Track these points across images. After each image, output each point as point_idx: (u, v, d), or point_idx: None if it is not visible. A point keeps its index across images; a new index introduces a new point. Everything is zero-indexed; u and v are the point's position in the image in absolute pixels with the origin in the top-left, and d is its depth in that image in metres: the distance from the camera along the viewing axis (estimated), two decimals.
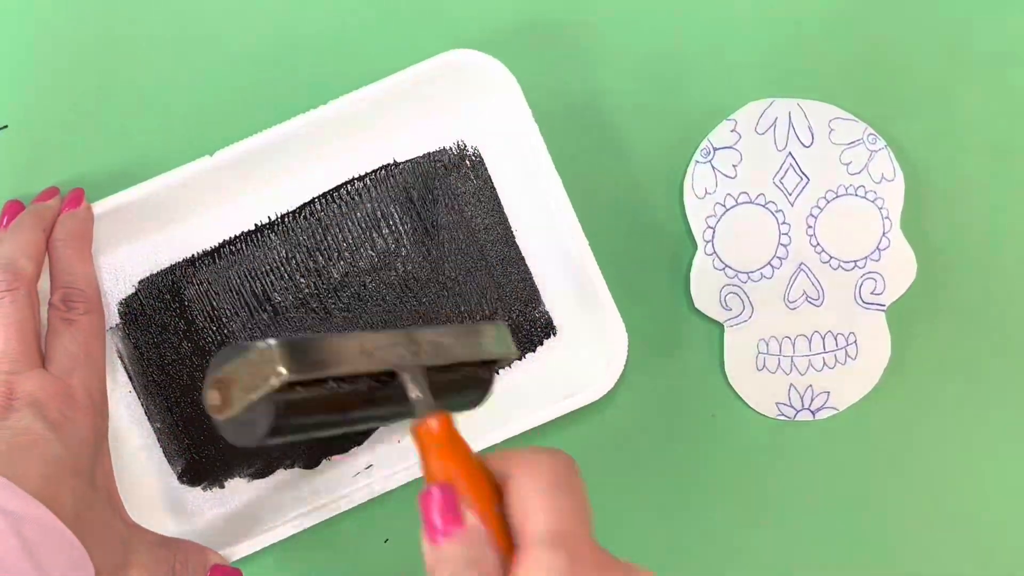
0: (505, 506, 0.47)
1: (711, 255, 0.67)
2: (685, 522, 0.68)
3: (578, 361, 0.66)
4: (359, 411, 0.51)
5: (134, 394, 0.66)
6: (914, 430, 0.68)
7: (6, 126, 0.68)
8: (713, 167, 0.68)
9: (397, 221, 0.67)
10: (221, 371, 0.49)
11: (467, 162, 0.67)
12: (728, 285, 0.67)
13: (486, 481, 0.48)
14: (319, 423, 0.50)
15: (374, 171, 0.67)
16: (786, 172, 0.68)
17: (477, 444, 0.64)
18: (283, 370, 0.48)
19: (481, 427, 0.65)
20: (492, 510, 0.48)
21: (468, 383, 0.55)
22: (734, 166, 0.67)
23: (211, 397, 0.49)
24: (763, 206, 0.67)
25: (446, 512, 0.47)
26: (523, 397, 0.66)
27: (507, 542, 0.47)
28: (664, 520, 0.68)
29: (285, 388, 0.48)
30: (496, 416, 0.65)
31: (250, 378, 0.48)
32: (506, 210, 0.67)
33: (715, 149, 0.68)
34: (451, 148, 0.67)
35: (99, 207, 0.64)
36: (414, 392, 0.51)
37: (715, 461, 0.68)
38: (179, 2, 0.68)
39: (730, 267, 0.67)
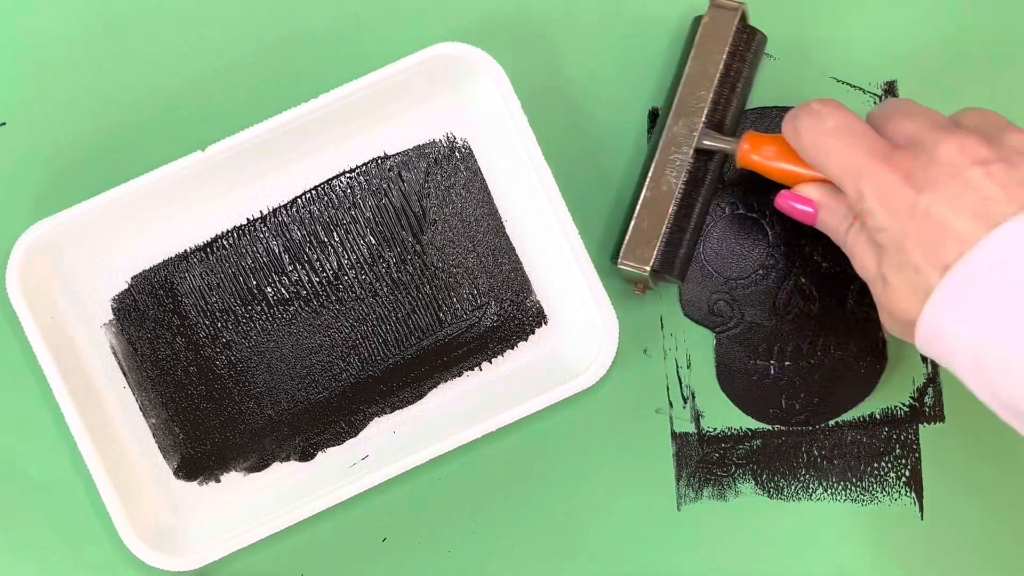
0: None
1: (701, 263, 0.68)
2: (676, 514, 0.68)
3: (570, 349, 0.66)
4: (702, 197, 0.64)
5: (128, 390, 0.67)
6: None
7: (4, 123, 0.68)
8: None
9: (388, 214, 0.67)
10: (628, 280, 0.66)
11: (456, 154, 0.67)
12: (718, 293, 0.68)
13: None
14: (691, 233, 0.64)
15: (364, 164, 0.67)
16: None
17: (469, 434, 0.65)
18: (646, 268, 0.63)
19: (473, 416, 0.65)
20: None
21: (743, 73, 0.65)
22: (724, 175, 0.67)
23: (637, 292, 0.66)
24: (754, 215, 0.68)
25: (797, 203, 0.61)
26: (514, 385, 0.66)
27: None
28: (653, 508, 0.68)
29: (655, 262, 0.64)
30: (487, 405, 0.66)
31: (638, 278, 0.64)
32: (496, 201, 0.67)
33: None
34: (441, 140, 0.67)
35: (92, 203, 0.64)
36: (715, 145, 0.63)
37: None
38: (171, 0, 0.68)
39: (720, 275, 0.68)
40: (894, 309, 0.57)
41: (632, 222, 0.64)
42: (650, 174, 0.64)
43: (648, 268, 0.63)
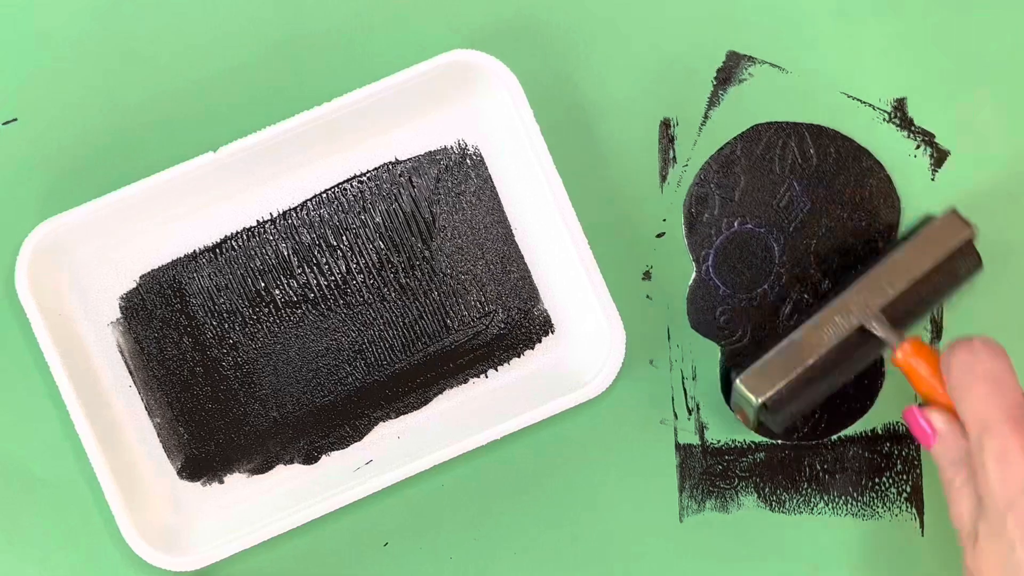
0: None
1: (708, 277, 0.68)
2: (678, 525, 0.68)
3: (576, 359, 0.66)
4: (840, 369, 0.63)
5: (134, 389, 0.67)
6: None
7: (15, 120, 0.68)
8: (713, 190, 0.68)
9: (398, 219, 0.67)
10: (731, 404, 0.65)
11: (468, 161, 0.67)
12: (725, 307, 0.68)
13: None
14: (812, 395, 0.63)
15: (375, 169, 0.67)
16: (786, 195, 0.68)
17: (473, 441, 0.65)
18: (755, 399, 0.62)
19: (478, 424, 0.65)
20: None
21: (942, 283, 0.64)
22: (734, 189, 0.68)
23: (740, 418, 0.65)
24: (762, 229, 0.68)
25: (921, 421, 0.60)
26: (520, 393, 0.66)
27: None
28: (655, 519, 0.68)
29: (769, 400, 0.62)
30: (492, 412, 0.66)
31: (747, 405, 0.63)
32: (506, 209, 0.67)
33: (715, 171, 0.68)
34: (452, 147, 0.67)
35: (103, 201, 0.64)
36: (879, 332, 0.62)
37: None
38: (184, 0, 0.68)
39: (727, 289, 0.68)
40: (977, 572, 0.57)
41: (770, 353, 0.63)
42: (811, 321, 0.63)
43: (757, 400, 0.62)
